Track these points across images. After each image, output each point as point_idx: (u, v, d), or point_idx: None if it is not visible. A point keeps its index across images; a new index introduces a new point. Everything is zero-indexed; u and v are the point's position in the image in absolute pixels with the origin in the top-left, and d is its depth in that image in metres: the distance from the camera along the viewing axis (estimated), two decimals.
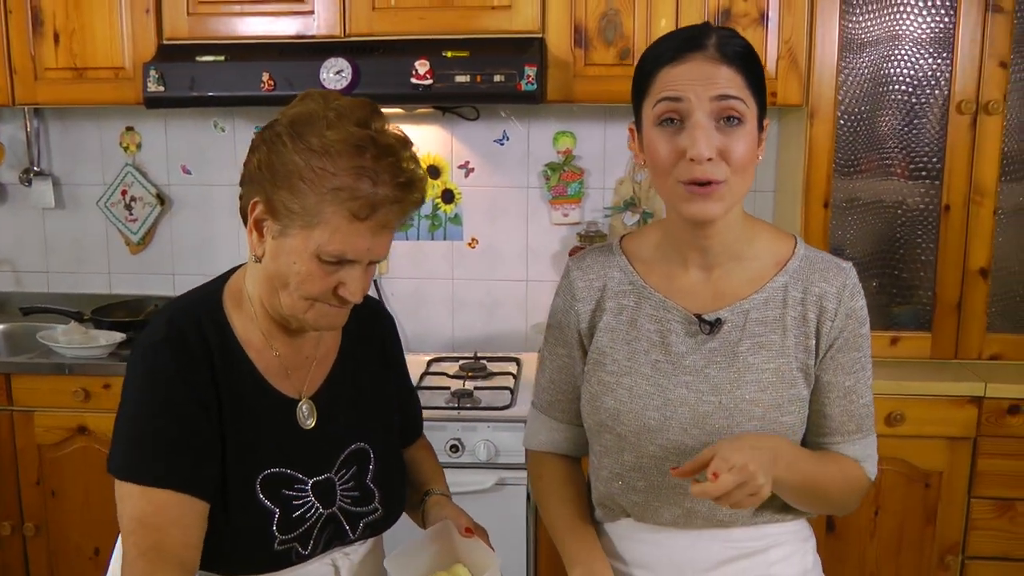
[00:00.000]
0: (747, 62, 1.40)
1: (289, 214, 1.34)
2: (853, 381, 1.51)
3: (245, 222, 1.42)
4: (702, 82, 1.37)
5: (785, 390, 1.47)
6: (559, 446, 1.67)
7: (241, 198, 1.44)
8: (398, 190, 1.35)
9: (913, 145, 2.84)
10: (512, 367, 3.12)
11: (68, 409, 3.01)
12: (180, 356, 1.41)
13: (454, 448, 2.63)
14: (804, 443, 1.54)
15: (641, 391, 1.50)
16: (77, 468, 3.04)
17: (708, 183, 1.38)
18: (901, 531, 2.87)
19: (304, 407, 1.52)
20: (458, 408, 2.72)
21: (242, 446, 1.44)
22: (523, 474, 2.59)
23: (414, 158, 1.41)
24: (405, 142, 1.40)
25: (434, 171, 3.37)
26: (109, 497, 3.11)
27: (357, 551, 1.58)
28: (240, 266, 1.55)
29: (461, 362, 3.17)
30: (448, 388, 2.88)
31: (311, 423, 1.51)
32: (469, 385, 2.91)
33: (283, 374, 1.51)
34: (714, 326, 1.49)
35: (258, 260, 1.42)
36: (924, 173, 2.85)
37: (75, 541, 3.10)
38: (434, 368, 3.11)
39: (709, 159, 1.36)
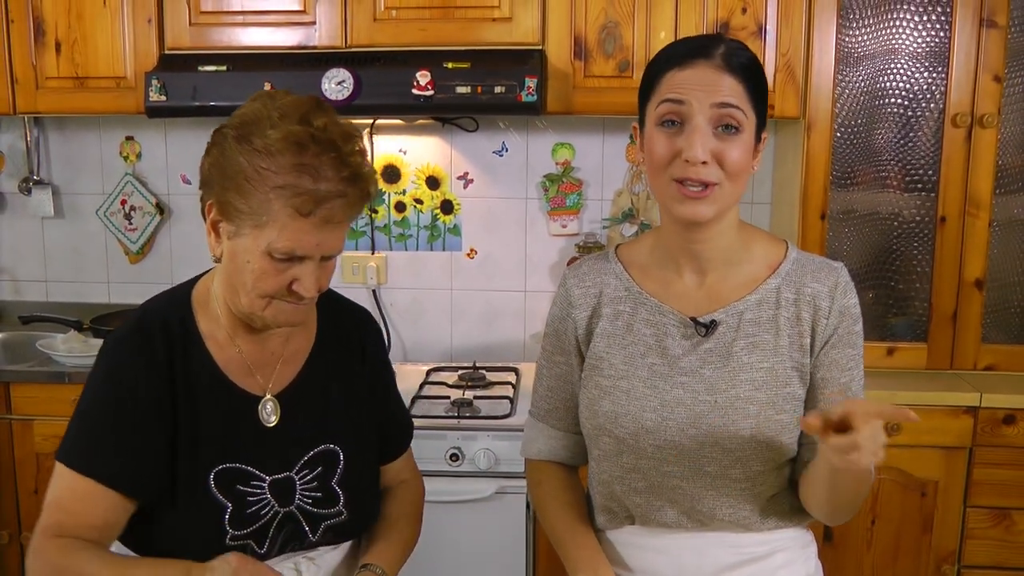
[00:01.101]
0: (751, 74, 1.45)
1: (239, 214, 1.38)
2: (848, 378, 1.53)
3: (205, 222, 1.47)
4: (705, 88, 1.41)
5: (779, 388, 1.50)
6: (557, 454, 1.69)
7: (201, 200, 1.48)
8: (342, 184, 1.37)
9: (909, 157, 2.87)
10: (511, 376, 3.13)
11: (67, 417, 2.93)
12: (140, 353, 1.45)
13: (454, 457, 2.64)
14: (801, 444, 1.55)
15: (638, 394, 1.52)
16: None
17: (701, 186, 1.42)
18: (898, 540, 2.89)
19: (268, 405, 1.53)
20: (458, 417, 2.73)
21: (195, 441, 1.47)
22: (523, 483, 2.60)
23: (361, 152, 1.42)
24: (349, 136, 1.41)
25: (433, 182, 3.38)
26: None
27: (325, 557, 1.57)
28: (204, 273, 1.59)
29: (460, 372, 3.18)
30: (448, 398, 2.89)
31: (273, 420, 1.53)
32: (468, 394, 2.92)
33: (246, 371, 1.53)
34: (709, 328, 1.52)
35: (217, 260, 1.47)
36: (920, 185, 2.88)
37: None
38: (433, 378, 3.12)
39: (704, 162, 1.40)
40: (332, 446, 1.57)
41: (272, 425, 1.52)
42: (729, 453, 1.49)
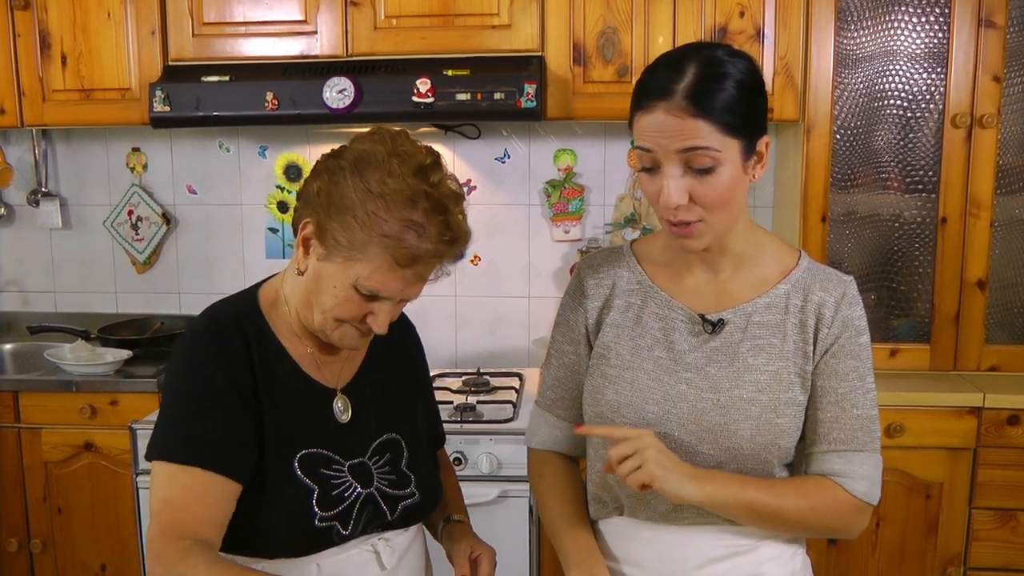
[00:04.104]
0: (723, 106, 1.38)
1: (336, 244, 1.42)
2: (847, 389, 1.52)
3: (295, 234, 1.50)
4: (667, 135, 1.39)
5: (782, 393, 1.50)
6: (560, 444, 1.69)
7: (295, 211, 1.52)
8: (442, 246, 1.42)
9: (909, 159, 2.87)
10: (515, 382, 3.14)
11: (75, 426, 3.03)
12: (219, 346, 1.49)
13: (457, 461, 2.65)
14: (798, 453, 1.56)
15: (642, 385, 1.54)
16: (83, 485, 3.07)
17: (685, 224, 1.44)
18: (903, 543, 2.88)
19: (339, 403, 1.58)
20: (460, 421, 2.75)
21: (280, 428, 1.50)
22: (525, 486, 2.61)
23: (463, 213, 1.48)
24: (459, 198, 1.47)
25: None
26: (115, 514, 3.15)
27: (397, 539, 1.62)
28: (269, 278, 1.64)
29: (464, 378, 3.20)
30: (451, 403, 2.90)
31: (346, 418, 1.58)
32: (472, 399, 2.93)
33: (315, 367, 1.58)
34: (716, 326, 1.53)
35: (300, 274, 1.50)
36: (920, 186, 2.88)
37: (81, 558, 3.12)
38: (437, 384, 3.12)
39: (680, 205, 1.41)
40: (394, 435, 1.63)
41: (345, 422, 1.58)
42: (726, 451, 1.50)
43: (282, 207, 3.48)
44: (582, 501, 1.67)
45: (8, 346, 3.53)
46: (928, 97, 2.84)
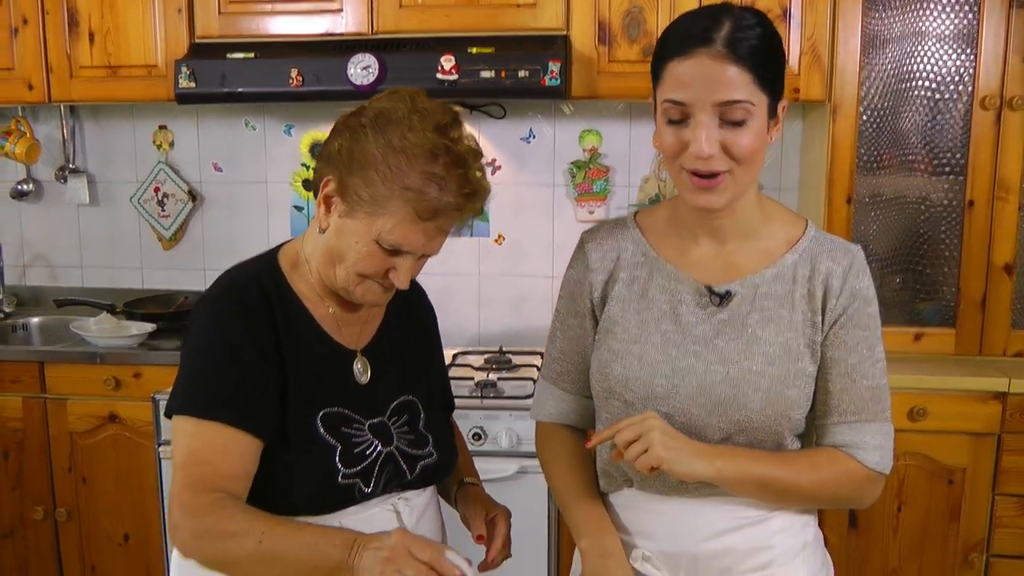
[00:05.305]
0: (759, 58, 1.39)
1: (358, 199, 1.45)
2: (857, 359, 1.51)
3: (315, 194, 1.52)
4: (706, 84, 1.38)
5: (791, 364, 1.49)
6: (567, 417, 1.69)
7: (315, 171, 1.54)
8: (462, 199, 1.45)
9: (937, 141, 2.84)
10: (537, 360, 3.14)
11: (99, 397, 3.07)
12: (241, 305, 1.50)
13: (476, 436, 2.66)
14: (809, 424, 1.56)
15: (650, 359, 1.53)
16: (108, 455, 3.11)
17: (712, 175, 1.42)
18: (925, 528, 2.86)
19: (358, 364, 1.60)
20: (481, 397, 2.75)
21: (301, 387, 1.52)
22: None
23: (482, 169, 1.50)
24: (477, 154, 1.49)
25: None
26: (138, 484, 3.18)
27: (417, 500, 1.63)
28: (286, 242, 1.65)
29: (486, 356, 3.21)
30: (472, 379, 2.91)
31: (365, 379, 1.60)
32: (493, 376, 2.94)
33: (336, 328, 1.60)
34: (724, 298, 1.52)
35: (322, 231, 1.52)
36: (948, 169, 2.85)
37: (105, 527, 3.16)
38: (459, 361, 3.15)
39: (710, 156, 1.40)
40: (411, 397, 1.65)
41: (365, 383, 1.60)
42: (736, 424, 1.49)
43: (307, 185, 3.49)
44: (591, 472, 1.67)
45: (35, 319, 3.57)
46: (957, 79, 2.80)
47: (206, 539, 1.39)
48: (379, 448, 1.56)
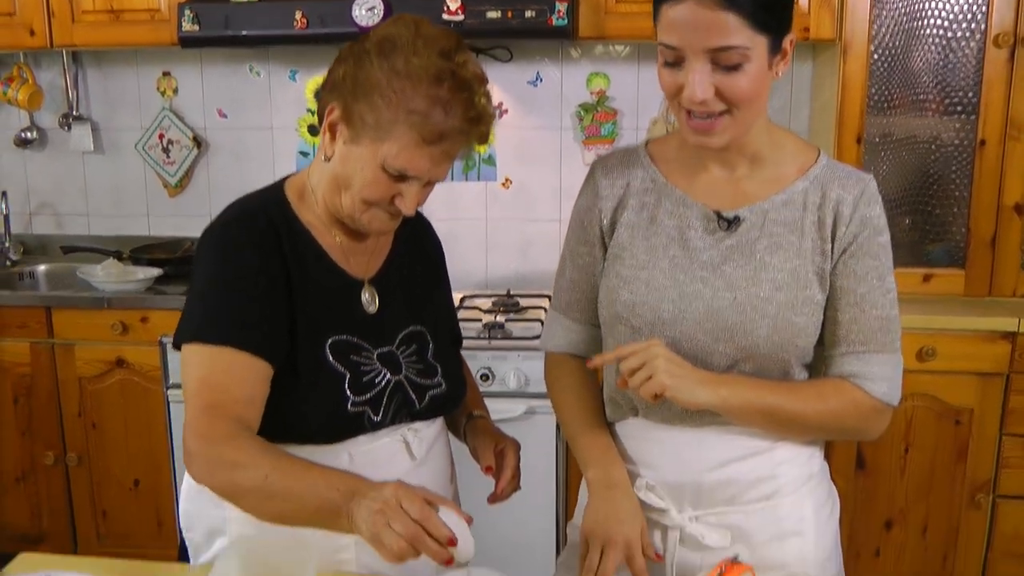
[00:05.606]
0: (752, 1, 1.34)
1: (363, 125, 1.44)
2: (867, 289, 1.50)
3: (320, 123, 1.51)
4: (696, 30, 1.35)
5: (799, 291, 1.48)
6: (576, 347, 1.69)
7: (319, 100, 1.53)
8: (467, 123, 1.44)
9: (948, 80, 2.81)
10: (544, 303, 3.13)
11: (107, 342, 3.08)
12: (249, 232, 1.50)
13: (485, 377, 2.67)
14: (818, 356, 1.55)
15: (658, 284, 1.52)
16: (116, 400, 3.12)
17: (707, 117, 1.40)
18: (931, 469, 2.87)
19: (365, 293, 1.60)
20: (489, 338, 2.76)
21: (310, 316, 1.52)
22: None
23: (487, 95, 1.48)
24: (482, 79, 1.47)
25: None
26: (147, 430, 3.19)
27: (426, 431, 1.64)
28: (292, 174, 1.64)
29: (494, 299, 3.21)
30: (480, 320, 2.91)
31: (373, 309, 1.60)
32: (500, 318, 2.94)
33: (344, 258, 1.59)
34: (732, 223, 1.51)
35: (327, 159, 1.52)
36: (959, 108, 2.82)
37: (115, 472, 3.18)
38: (467, 304, 3.15)
39: (704, 100, 1.38)
40: (420, 327, 1.65)
41: (372, 313, 1.60)
42: (742, 351, 1.48)
43: (312, 130, 3.47)
44: (598, 403, 1.67)
45: (42, 267, 3.58)
46: (970, 16, 2.77)
47: (217, 466, 1.40)
48: (388, 377, 1.57)
